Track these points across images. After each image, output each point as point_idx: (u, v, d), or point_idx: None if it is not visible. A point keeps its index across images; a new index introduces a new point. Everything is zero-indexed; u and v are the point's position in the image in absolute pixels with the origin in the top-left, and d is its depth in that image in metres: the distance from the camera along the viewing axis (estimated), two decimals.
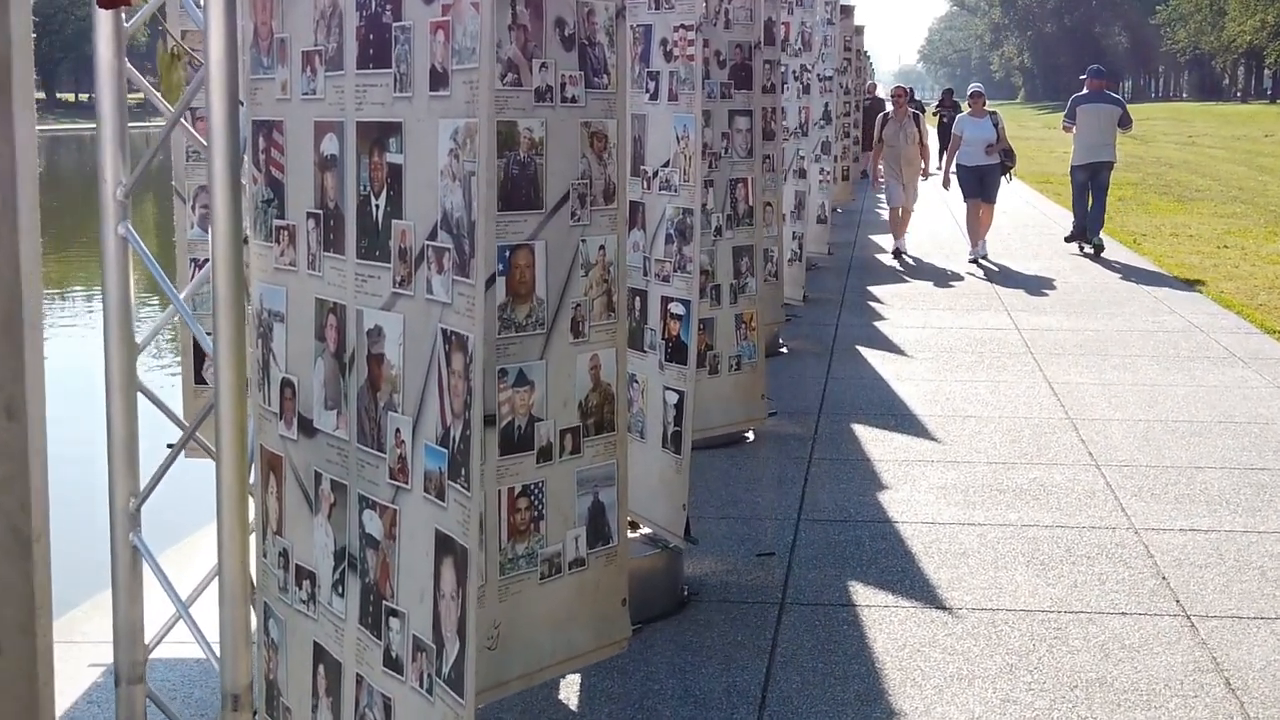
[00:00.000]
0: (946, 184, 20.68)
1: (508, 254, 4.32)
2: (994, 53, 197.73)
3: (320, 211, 3.22)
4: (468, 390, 2.57)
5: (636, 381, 6.59)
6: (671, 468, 6.38)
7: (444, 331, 2.68)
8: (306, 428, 3.35)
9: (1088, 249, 20.31)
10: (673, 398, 6.45)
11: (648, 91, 6.46)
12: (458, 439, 2.64)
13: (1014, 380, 11.73)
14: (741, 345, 8.50)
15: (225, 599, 3.50)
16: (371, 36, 3.02)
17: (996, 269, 18.82)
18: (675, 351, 6.48)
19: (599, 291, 4.63)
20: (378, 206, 2.98)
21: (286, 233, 3.36)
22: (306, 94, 3.28)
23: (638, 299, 6.58)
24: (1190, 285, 17.25)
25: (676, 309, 6.42)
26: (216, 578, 3.54)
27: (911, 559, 7.26)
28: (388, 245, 2.94)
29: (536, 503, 4.54)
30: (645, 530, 6.54)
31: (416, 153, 2.85)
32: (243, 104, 3.46)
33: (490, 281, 4.27)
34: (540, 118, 4.38)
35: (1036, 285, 17.35)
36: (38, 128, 1.82)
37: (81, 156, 65.47)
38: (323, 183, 3.21)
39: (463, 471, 2.63)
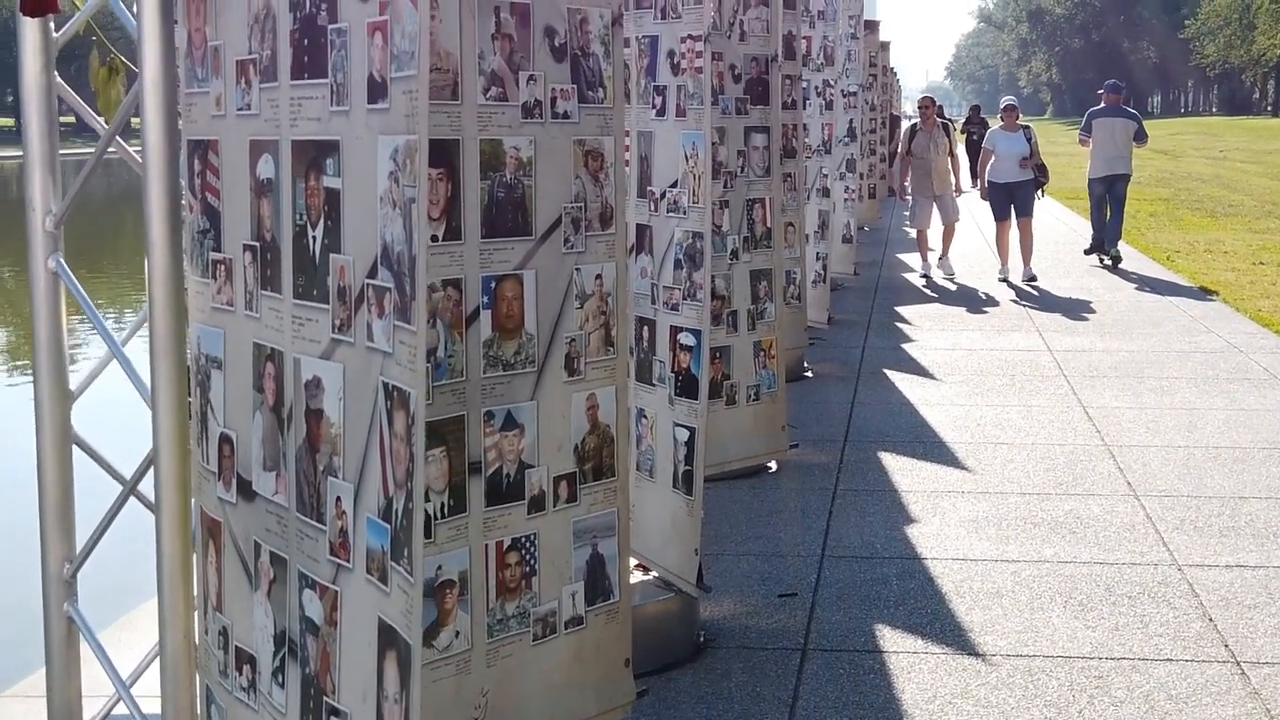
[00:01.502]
0: (984, 195, 19.76)
1: (493, 285, 3.93)
2: (1022, 69, 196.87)
3: (257, 244, 2.84)
4: (410, 457, 2.18)
5: (645, 416, 6.19)
6: (683, 510, 5.97)
7: (385, 385, 2.30)
8: (245, 490, 2.96)
9: (1106, 260, 20.54)
10: (683, 435, 6.02)
11: (654, 107, 6.06)
12: (400, 513, 2.25)
13: (1047, 404, 11.31)
14: (760, 374, 8.09)
15: (167, 679, 3.13)
16: (306, 42, 2.63)
17: (1026, 287, 18.35)
18: (685, 385, 6.06)
19: (596, 325, 4.24)
20: (314, 238, 2.60)
21: (223, 267, 2.98)
22: (241, 109, 2.89)
23: (645, 328, 6.18)
24: (1226, 303, 16.79)
25: (686, 339, 6.00)
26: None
27: (942, 599, 6.85)
28: (326, 283, 2.56)
29: (528, 557, 4.14)
30: (657, 572, 6.15)
31: (355, 175, 2.46)
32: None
33: (474, 316, 3.89)
34: (528, 135, 4.00)
35: (1068, 304, 16.92)
36: None
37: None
38: (259, 210, 2.83)
39: (405, 553, 2.24)
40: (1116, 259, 20.48)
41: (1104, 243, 20.49)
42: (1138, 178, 31.57)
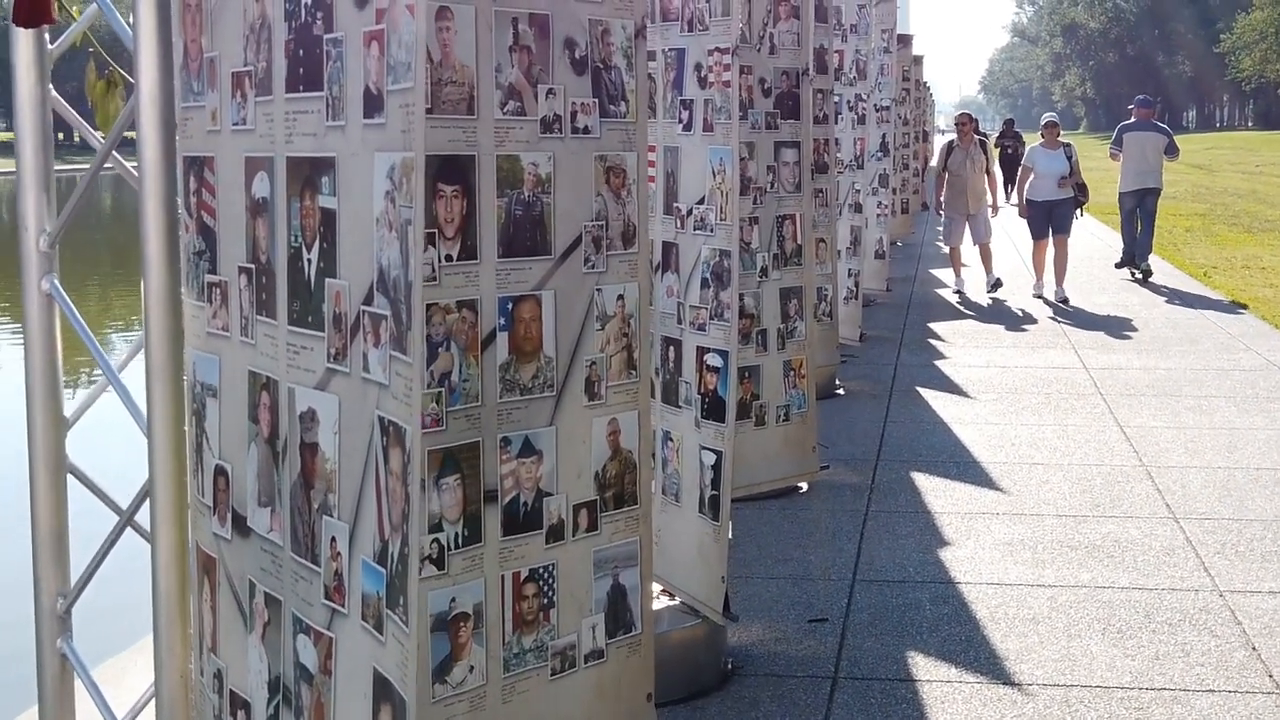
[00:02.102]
0: (1024, 213, 19.17)
1: (510, 306, 3.77)
2: (1056, 83, 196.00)
3: (252, 266, 2.69)
4: (406, 497, 2.03)
5: (671, 439, 6.02)
6: (709, 536, 5.80)
7: (381, 420, 2.15)
8: (241, 526, 2.81)
9: (1137, 274, 20.67)
10: (710, 458, 5.85)
11: (680, 121, 5.90)
12: (395, 558, 2.10)
13: (1083, 423, 11.11)
14: (790, 394, 7.91)
15: None
16: (301, 53, 2.47)
17: (1062, 304, 18.11)
18: (712, 407, 5.90)
19: (617, 347, 4.08)
20: (309, 261, 2.45)
21: (219, 291, 2.83)
22: (236, 124, 2.74)
23: (672, 349, 6.01)
24: (1265, 320, 16.54)
25: (713, 360, 5.83)
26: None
27: (976, 626, 6.67)
28: (321, 310, 2.40)
29: (546, 589, 3.97)
30: (683, 599, 5.99)
31: (350, 195, 2.31)
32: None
33: (490, 338, 3.73)
34: (547, 151, 3.84)
35: (1104, 321, 16.70)
36: None
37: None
38: (255, 231, 2.67)
39: (401, 601, 2.08)
40: (1147, 273, 20.58)
41: (1135, 257, 20.67)
42: (1173, 192, 31.26)
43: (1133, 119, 20.39)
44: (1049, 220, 18.36)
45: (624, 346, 4.10)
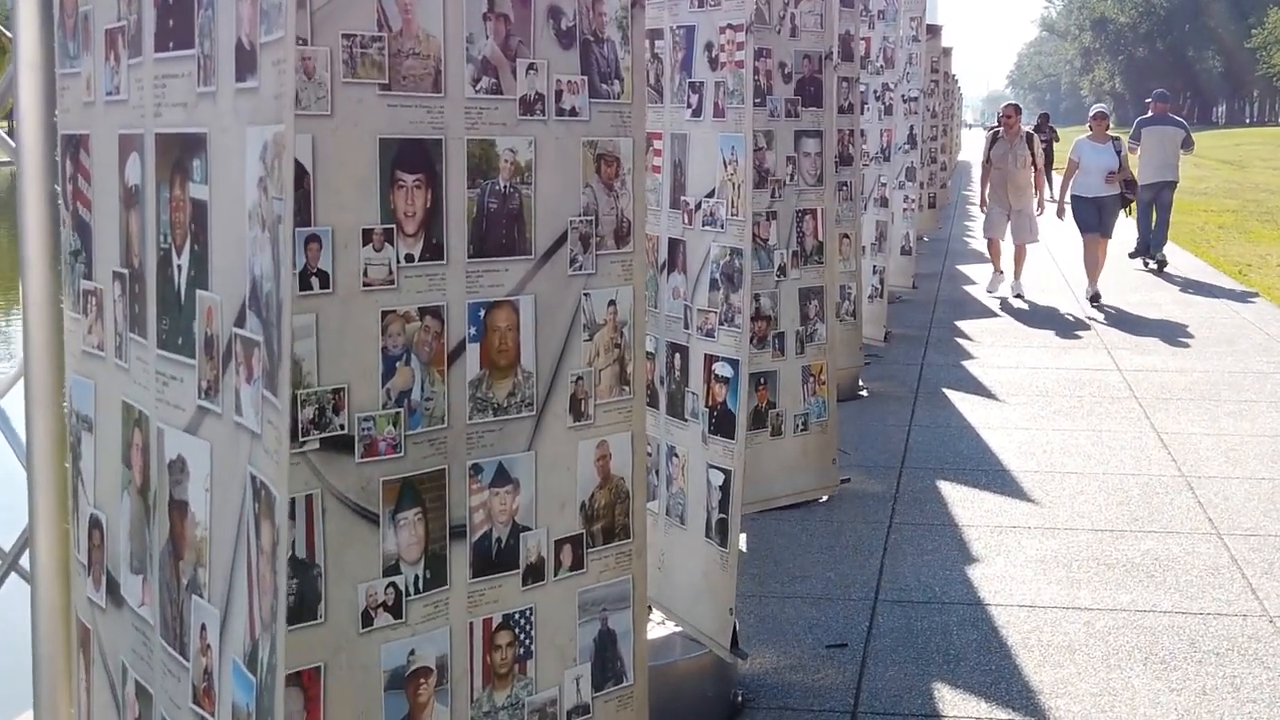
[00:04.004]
0: (1061, 214, 18.43)
1: (482, 314, 3.30)
2: (1084, 77, 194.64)
3: (126, 271, 2.20)
4: (275, 587, 1.55)
5: (677, 455, 5.52)
6: (716, 563, 5.28)
7: (253, 479, 1.67)
8: (115, 593, 2.32)
9: (1151, 264, 21.03)
10: (718, 478, 5.33)
11: (690, 106, 5.39)
12: (265, 666, 1.61)
13: (1118, 429, 10.59)
14: (810, 402, 7.41)
15: None
16: (172, 1, 1.99)
17: (1091, 301, 17.49)
18: (721, 422, 5.37)
19: (608, 360, 3.60)
20: (179, 268, 1.96)
21: (94, 300, 2.34)
22: (110, 94, 2.25)
23: (678, 356, 5.50)
24: None
25: (722, 370, 5.30)
26: None
27: (1007, 654, 6.18)
28: (192, 329, 1.91)
29: (523, 636, 3.49)
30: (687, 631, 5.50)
31: (223, 182, 1.82)
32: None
33: (459, 351, 3.25)
34: (528, 135, 3.37)
35: (1137, 320, 16.15)
36: None
37: None
38: (128, 227, 2.18)
39: None
40: (1162, 263, 20.89)
41: (1149, 246, 21.05)
42: (1204, 188, 30.86)
43: (1150, 113, 20.87)
44: (1098, 216, 17.48)
45: (616, 359, 3.62)
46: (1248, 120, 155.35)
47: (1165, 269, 20.70)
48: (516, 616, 3.45)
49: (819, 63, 7.15)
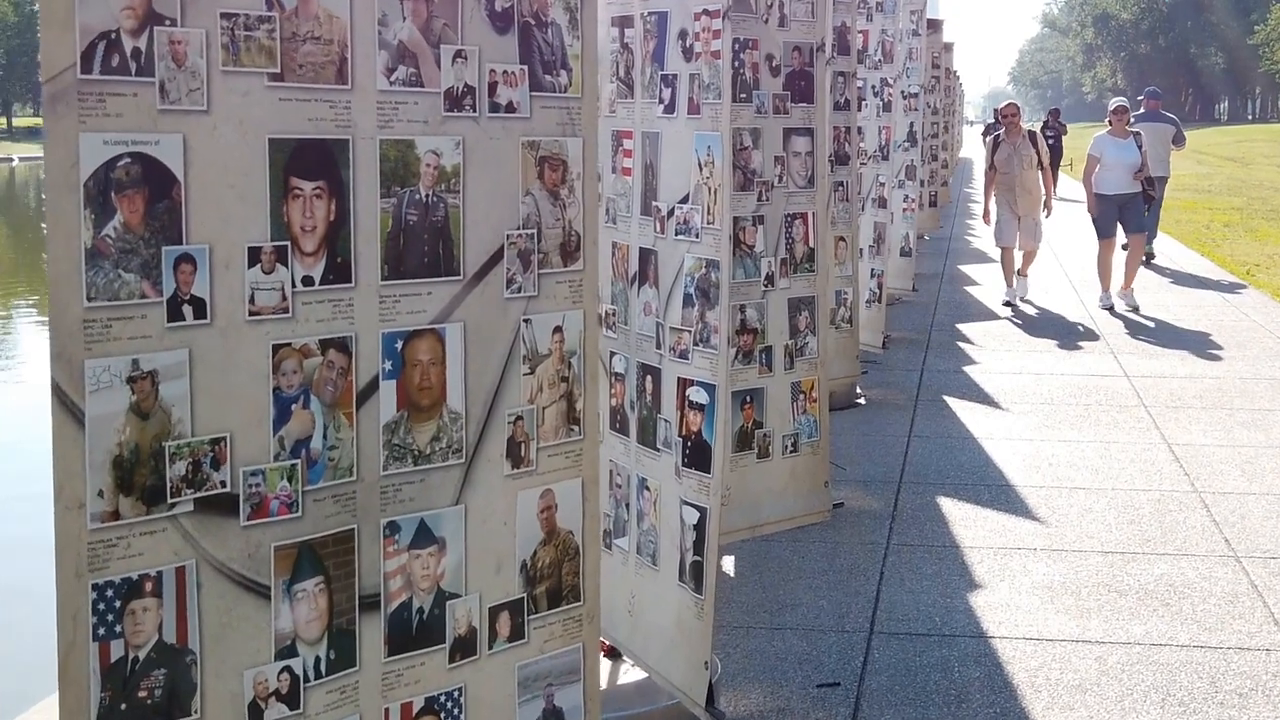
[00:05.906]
0: (1092, 210, 17.14)
1: (399, 345, 2.81)
2: (1086, 74, 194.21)
3: None
4: None
5: (648, 489, 5.01)
6: (690, 610, 4.76)
7: None
8: None
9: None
10: (692, 516, 4.79)
11: (662, 101, 4.88)
12: None
13: (1127, 440, 10.12)
14: (799, 421, 6.90)
15: None
16: None
17: (1132, 311, 16.79)
18: (695, 454, 4.84)
19: (553, 396, 3.11)
20: None
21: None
22: None
23: (649, 379, 4.98)
24: None
25: (697, 396, 4.77)
26: None
27: (1012, 693, 5.71)
28: None
29: None
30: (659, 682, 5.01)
31: None
32: None
33: (370, 389, 2.77)
34: (455, 135, 2.89)
35: (1143, 323, 15.69)
36: None
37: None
38: None
39: None
40: (1150, 255, 21.02)
41: None
42: (1208, 186, 30.72)
43: (1142, 110, 21.10)
44: (1119, 217, 16.78)
45: (563, 394, 3.13)
46: (1250, 117, 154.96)
47: (1153, 260, 21.06)
48: (442, 699, 2.96)
49: (810, 55, 6.66)
